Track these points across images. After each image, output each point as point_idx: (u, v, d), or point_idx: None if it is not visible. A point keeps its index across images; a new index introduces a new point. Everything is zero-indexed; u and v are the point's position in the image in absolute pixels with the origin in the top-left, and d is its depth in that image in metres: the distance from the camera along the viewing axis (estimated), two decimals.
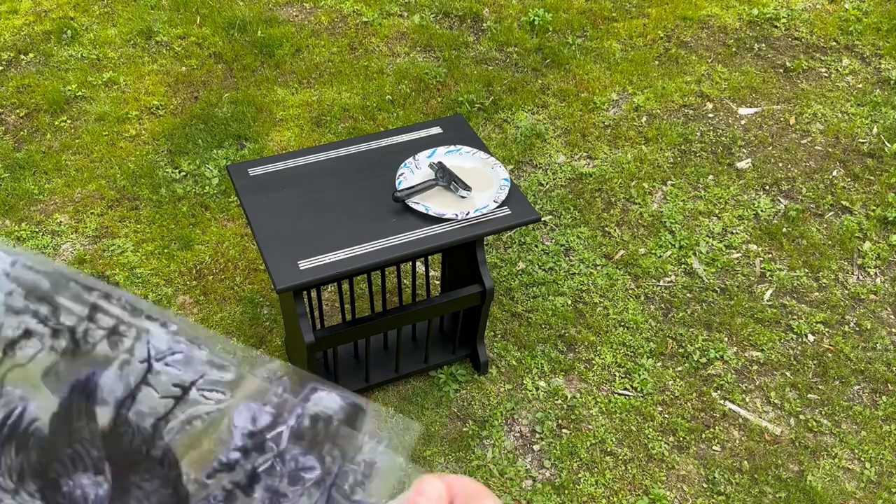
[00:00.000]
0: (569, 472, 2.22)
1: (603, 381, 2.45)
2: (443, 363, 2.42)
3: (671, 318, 2.64)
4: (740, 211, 3.01)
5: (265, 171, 2.07)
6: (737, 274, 2.78)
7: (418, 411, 2.35)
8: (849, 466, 2.25)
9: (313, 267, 1.83)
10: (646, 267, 2.79)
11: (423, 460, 2.24)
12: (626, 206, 3.02)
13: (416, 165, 2.08)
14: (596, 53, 3.77)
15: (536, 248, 2.86)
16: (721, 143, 3.31)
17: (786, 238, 2.91)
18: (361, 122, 3.34)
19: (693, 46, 3.84)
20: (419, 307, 2.18)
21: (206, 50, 3.70)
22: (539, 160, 3.21)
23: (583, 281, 2.74)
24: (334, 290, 2.69)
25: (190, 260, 2.77)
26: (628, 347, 2.54)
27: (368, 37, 3.86)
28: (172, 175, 3.09)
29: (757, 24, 3.97)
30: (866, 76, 3.65)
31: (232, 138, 3.23)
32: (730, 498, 2.18)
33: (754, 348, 2.56)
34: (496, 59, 3.75)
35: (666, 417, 2.36)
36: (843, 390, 2.44)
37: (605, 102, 3.49)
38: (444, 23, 3.98)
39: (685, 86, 3.59)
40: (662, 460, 2.26)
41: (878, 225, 2.96)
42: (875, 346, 2.57)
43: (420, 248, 1.90)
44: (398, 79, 3.58)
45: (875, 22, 3.94)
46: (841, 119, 3.42)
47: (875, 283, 2.77)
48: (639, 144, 3.29)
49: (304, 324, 1.97)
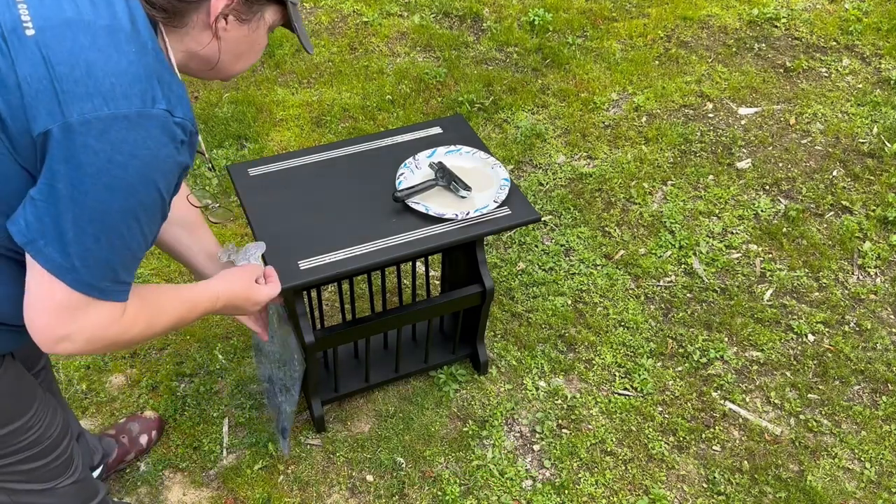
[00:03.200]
0: (569, 472, 2.22)
1: (603, 381, 2.45)
2: (443, 363, 2.42)
3: (671, 318, 2.64)
4: (740, 211, 3.01)
5: (265, 171, 2.07)
6: (737, 274, 2.78)
7: (418, 411, 2.35)
8: (849, 466, 2.25)
9: (313, 267, 1.83)
10: (646, 267, 2.79)
11: (423, 460, 2.24)
12: (626, 206, 3.03)
13: (416, 165, 2.08)
14: (596, 53, 3.77)
15: (536, 248, 2.86)
16: (721, 143, 3.31)
17: (786, 238, 2.91)
18: (361, 122, 3.34)
19: (693, 46, 3.84)
20: (419, 307, 2.18)
21: None
22: (539, 160, 3.21)
23: (583, 281, 2.74)
24: (334, 290, 2.69)
25: None
26: (628, 347, 2.54)
27: (368, 37, 3.86)
28: None
29: (757, 24, 3.97)
30: (866, 76, 3.65)
31: (232, 138, 3.23)
32: (730, 498, 2.18)
33: (754, 348, 2.56)
34: (496, 59, 3.75)
35: (666, 417, 2.36)
36: (843, 390, 2.44)
37: (605, 102, 3.49)
38: (444, 23, 3.98)
39: (685, 86, 3.59)
40: (662, 460, 2.26)
41: (878, 225, 2.96)
42: (875, 346, 2.57)
43: (420, 248, 1.90)
44: (398, 79, 3.58)
45: (875, 22, 3.94)
46: (841, 119, 3.42)
47: (875, 283, 2.77)
48: (639, 144, 3.29)
49: (304, 324, 1.97)
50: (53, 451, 1.58)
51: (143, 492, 2.16)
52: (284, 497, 2.16)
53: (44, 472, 1.58)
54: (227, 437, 2.29)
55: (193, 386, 2.41)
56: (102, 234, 1.12)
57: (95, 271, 1.14)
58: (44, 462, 1.56)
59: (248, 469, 2.21)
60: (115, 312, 1.21)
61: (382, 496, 2.17)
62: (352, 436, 2.30)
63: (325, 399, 2.29)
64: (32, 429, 1.50)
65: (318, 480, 2.20)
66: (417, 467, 2.23)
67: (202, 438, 2.28)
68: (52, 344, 1.19)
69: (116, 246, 1.14)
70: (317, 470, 2.22)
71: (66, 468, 1.64)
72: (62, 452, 1.61)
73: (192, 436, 2.29)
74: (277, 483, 2.18)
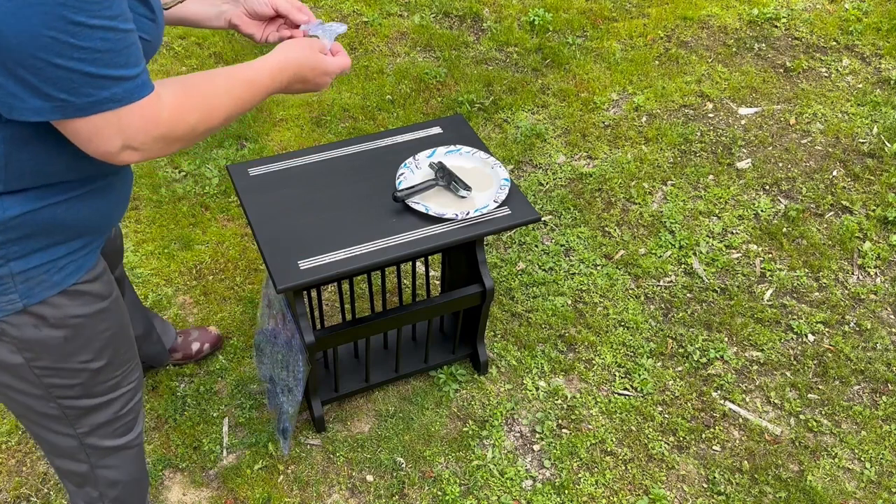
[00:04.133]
0: (569, 472, 2.22)
1: (603, 381, 2.45)
2: (443, 363, 2.42)
3: (671, 318, 2.64)
4: (740, 211, 3.01)
5: (265, 171, 2.07)
6: (737, 274, 2.78)
7: (418, 411, 2.35)
8: (849, 466, 2.26)
9: (313, 267, 1.83)
10: (646, 267, 2.79)
11: (423, 460, 2.24)
12: (626, 206, 3.03)
13: (416, 165, 2.08)
14: (596, 53, 3.77)
15: (536, 248, 2.86)
16: (721, 143, 3.31)
17: (786, 238, 2.91)
18: (361, 122, 3.34)
19: (693, 46, 3.84)
20: (419, 307, 2.18)
21: (206, 50, 3.71)
22: (539, 160, 3.21)
23: (583, 281, 2.74)
24: (334, 290, 2.69)
25: (190, 260, 2.77)
26: (628, 347, 2.54)
27: (368, 37, 3.86)
28: (172, 175, 3.09)
29: (757, 24, 3.97)
30: (866, 76, 3.65)
31: (232, 138, 3.23)
32: (730, 498, 2.18)
33: (754, 348, 2.56)
34: (496, 59, 3.75)
35: (666, 417, 2.36)
36: (843, 390, 2.44)
37: (605, 102, 3.49)
38: (444, 23, 3.98)
39: (685, 86, 3.59)
40: (662, 460, 2.26)
41: (878, 225, 2.96)
42: (875, 346, 2.57)
43: (420, 248, 1.90)
44: (398, 79, 3.58)
45: (875, 22, 3.94)
46: (841, 119, 3.42)
47: (875, 283, 2.77)
48: (639, 144, 3.29)
49: (304, 324, 1.97)
50: (126, 405, 1.57)
51: None
52: (284, 497, 2.16)
53: (118, 426, 1.58)
54: (227, 437, 2.29)
55: (193, 386, 2.41)
56: (52, 55, 1.03)
57: (85, 89, 1.07)
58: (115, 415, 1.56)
59: (248, 469, 2.21)
60: (151, 108, 1.15)
61: (382, 496, 2.17)
62: (352, 436, 2.30)
63: (325, 399, 2.29)
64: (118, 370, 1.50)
65: (318, 480, 2.20)
66: (417, 467, 2.23)
67: (202, 438, 2.28)
68: (118, 160, 1.17)
69: (78, 55, 1.05)
70: (317, 470, 2.22)
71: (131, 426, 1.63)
72: (133, 409, 1.61)
73: (192, 436, 2.29)
74: (277, 483, 2.19)
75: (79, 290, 1.35)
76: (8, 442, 2.27)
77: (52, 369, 1.39)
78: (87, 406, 1.50)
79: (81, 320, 1.38)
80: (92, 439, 1.56)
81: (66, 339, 1.37)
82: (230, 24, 1.58)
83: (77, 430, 1.53)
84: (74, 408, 1.48)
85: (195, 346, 2.41)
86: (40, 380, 1.39)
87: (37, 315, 1.31)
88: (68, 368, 1.41)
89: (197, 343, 2.42)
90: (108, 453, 1.62)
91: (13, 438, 2.27)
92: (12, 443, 2.26)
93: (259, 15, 1.56)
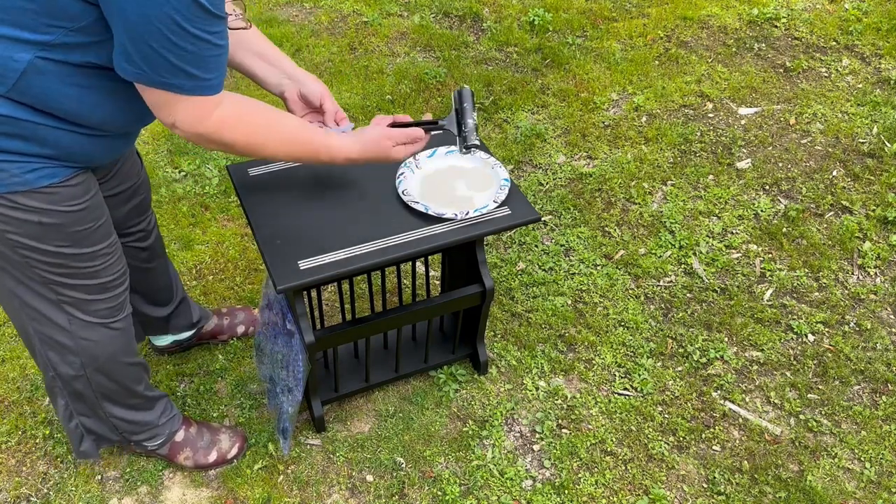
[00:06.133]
0: (569, 472, 2.22)
1: (603, 381, 2.45)
2: (443, 363, 2.42)
3: (671, 318, 2.64)
4: (740, 211, 3.01)
5: (265, 171, 2.07)
6: (737, 274, 2.78)
7: (418, 411, 2.35)
8: (849, 466, 2.26)
9: (313, 267, 1.83)
10: (646, 267, 2.79)
11: (423, 460, 2.25)
12: (626, 206, 3.03)
13: (417, 165, 2.08)
14: (596, 53, 3.77)
15: (536, 248, 2.86)
16: (721, 143, 3.31)
17: (786, 238, 2.91)
18: (361, 122, 3.34)
19: (693, 46, 3.84)
20: (419, 307, 2.18)
21: None
22: (539, 160, 3.21)
23: (583, 281, 2.74)
24: (334, 290, 2.69)
25: (190, 260, 2.77)
26: (628, 347, 2.54)
27: (368, 37, 3.86)
28: (172, 175, 3.09)
29: (757, 24, 3.97)
30: (866, 76, 3.65)
31: None
32: (730, 498, 2.18)
33: (754, 348, 2.56)
34: (496, 59, 3.75)
35: (666, 417, 2.36)
36: (843, 390, 2.44)
37: (604, 102, 3.49)
38: (444, 23, 3.98)
39: (685, 86, 3.59)
40: (662, 460, 2.26)
41: (878, 225, 2.96)
42: (875, 346, 2.57)
43: (420, 248, 1.90)
44: (398, 79, 3.58)
45: (875, 22, 3.94)
46: (841, 119, 3.42)
47: (875, 283, 2.77)
48: (639, 144, 3.29)
49: (304, 324, 1.97)
50: (104, 292, 1.73)
51: (143, 491, 2.17)
52: (284, 497, 2.16)
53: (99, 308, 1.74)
54: None
55: (193, 386, 2.41)
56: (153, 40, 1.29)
57: (162, 71, 1.33)
58: (94, 298, 1.72)
59: (248, 469, 2.21)
60: (202, 108, 1.43)
61: (382, 496, 2.17)
62: (352, 436, 2.30)
63: (325, 399, 2.29)
64: (95, 261, 1.67)
65: (317, 480, 2.20)
66: (417, 467, 2.23)
67: None
68: (171, 130, 1.46)
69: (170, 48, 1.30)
70: (317, 470, 2.22)
71: (115, 313, 1.79)
72: (114, 298, 1.77)
73: None
74: (277, 483, 2.19)
75: (54, 191, 1.52)
76: (8, 442, 2.27)
77: (29, 247, 1.56)
78: (66, 283, 1.65)
79: (56, 216, 1.54)
80: (71, 309, 1.71)
81: (41, 225, 1.54)
82: (282, 95, 1.87)
83: (58, 296, 1.66)
84: (53, 282, 1.64)
85: (241, 329, 2.52)
86: (16, 251, 1.56)
87: (11, 200, 1.48)
88: (43, 249, 1.57)
89: (243, 326, 2.53)
90: (89, 326, 1.75)
91: (13, 438, 2.27)
92: (12, 443, 2.27)
93: (308, 102, 1.89)
